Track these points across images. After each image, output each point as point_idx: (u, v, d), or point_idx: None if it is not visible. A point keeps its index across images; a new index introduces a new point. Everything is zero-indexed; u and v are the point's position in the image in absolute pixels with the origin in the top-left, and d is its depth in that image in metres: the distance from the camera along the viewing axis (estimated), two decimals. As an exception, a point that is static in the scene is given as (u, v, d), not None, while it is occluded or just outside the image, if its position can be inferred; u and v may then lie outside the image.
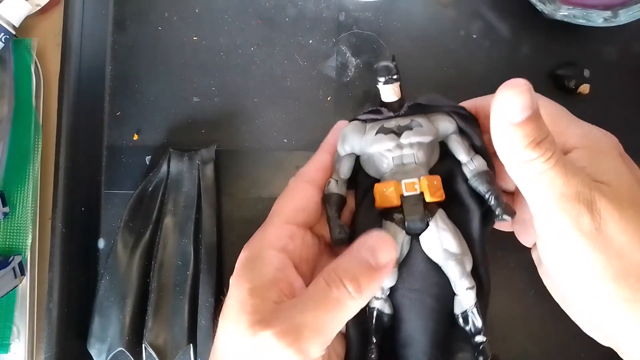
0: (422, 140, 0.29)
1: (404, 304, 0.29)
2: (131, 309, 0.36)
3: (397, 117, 0.30)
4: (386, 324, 0.29)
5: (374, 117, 0.31)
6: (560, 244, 0.25)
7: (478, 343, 0.28)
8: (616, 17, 0.34)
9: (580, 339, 0.29)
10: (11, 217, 0.38)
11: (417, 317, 0.28)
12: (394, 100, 0.30)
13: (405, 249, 0.29)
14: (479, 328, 0.28)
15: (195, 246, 0.37)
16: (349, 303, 0.25)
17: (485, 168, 0.29)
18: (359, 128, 0.31)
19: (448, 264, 0.28)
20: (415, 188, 0.28)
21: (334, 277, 0.25)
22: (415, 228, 0.28)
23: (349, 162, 0.31)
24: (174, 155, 0.38)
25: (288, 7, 0.40)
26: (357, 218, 0.31)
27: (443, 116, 0.30)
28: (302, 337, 0.24)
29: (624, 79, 0.39)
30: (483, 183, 0.28)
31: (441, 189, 0.29)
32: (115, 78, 0.40)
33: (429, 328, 0.28)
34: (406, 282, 0.29)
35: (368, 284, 0.25)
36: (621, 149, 0.27)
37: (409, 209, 0.28)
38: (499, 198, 0.28)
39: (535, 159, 0.24)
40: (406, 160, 0.29)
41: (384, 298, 0.29)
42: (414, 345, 0.28)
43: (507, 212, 0.27)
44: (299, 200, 0.31)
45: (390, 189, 0.28)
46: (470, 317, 0.28)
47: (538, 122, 0.24)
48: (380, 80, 0.30)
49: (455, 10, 0.39)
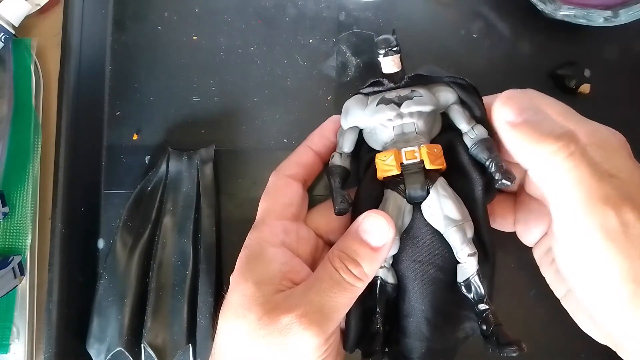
0: (422, 110, 0.29)
1: (409, 276, 0.29)
2: (130, 308, 0.36)
3: (397, 88, 0.31)
4: (390, 294, 0.29)
5: (376, 89, 0.31)
6: (582, 244, 0.24)
7: (481, 311, 0.28)
8: (617, 17, 0.34)
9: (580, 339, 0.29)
10: (11, 217, 0.38)
11: (421, 287, 0.29)
12: (395, 71, 0.31)
13: (407, 218, 0.29)
14: (482, 295, 0.28)
15: (195, 246, 0.37)
16: (357, 284, 0.27)
17: (486, 136, 0.29)
18: (361, 101, 0.31)
19: (449, 231, 0.28)
20: (415, 156, 0.29)
21: (339, 263, 0.27)
22: (416, 196, 0.29)
23: (352, 135, 0.32)
24: (173, 154, 0.38)
25: (288, 6, 0.40)
26: (360, 191, 0.31)
27: (444, 86, 0.31)
28: (322, 317, 0.26)
29: (624, 79, 0.39)
30: (483, 150, 0.29)
31: (442, 157, 0.29)
32: (115, 78, 0.40)
33: (432, 298, 0.29)
34: (410, 254, 0.29)
35: (370, 265, 0.27)
36: (629, 148, 0.27)
37: (409, 177, 0.29)
38: (499, 164, 0.28)
39: (557, 150, 0.24)
40: (407, 130, 0.30)
41: (387, 267, 0.29)
42: (416, 315, 0.29)
43: (506, 177, 0.27)
44: (285, 195, 0.32)
45: (391, 157, 0.29)
46: (472, 284, 0.28)
47: (546, 118, 0.25)
48: (380, 52, 0.31)
49: (455, 10, 0.39)
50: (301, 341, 0.25)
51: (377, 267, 0.28)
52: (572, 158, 0.24)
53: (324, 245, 0.33)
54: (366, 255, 0.27)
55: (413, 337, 0.29)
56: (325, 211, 0.32)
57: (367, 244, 0.27)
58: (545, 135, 0.25)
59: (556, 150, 0.24)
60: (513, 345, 0.26)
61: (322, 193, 0.37)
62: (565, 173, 0.24)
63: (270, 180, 0.33)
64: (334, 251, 0.28)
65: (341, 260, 0.27)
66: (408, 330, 0.29)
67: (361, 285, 0.27)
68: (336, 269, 0.27)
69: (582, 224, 0.24)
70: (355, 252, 0.27)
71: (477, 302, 0.28)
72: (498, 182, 0.27)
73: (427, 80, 0.31)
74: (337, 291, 0.26)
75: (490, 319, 0.27)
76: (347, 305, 0.27)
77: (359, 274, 0.27)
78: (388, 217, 0.27)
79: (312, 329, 0.25)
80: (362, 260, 0.27)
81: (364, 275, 0.27)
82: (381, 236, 0.27)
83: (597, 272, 0.24)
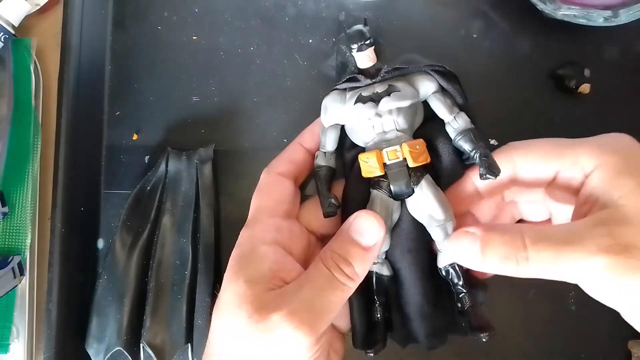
0: (401, 105, 0.29)
1: (403, 266, 0.30)
2: (129, 308, 0.36)
3: (375, 84, 0.30)
4: (387, 285, 0.30)
5: (352, 85, 0.31)
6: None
7: (458, 293, 0.29)
8: (617, 17, 0.34)
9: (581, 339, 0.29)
10: (10, 217, 0.38)
11: (416, 274, 0.30)
12: (370, 65, 0.30)
13: (395, 215, 0.30)
14: (459, 280, 0.29)
15: (194, 245, 0.37)
16: (349, 284, 0.27)
17: (469, 125, 0.29)
18: (339, 97, 0.31)
19: (432, 228, 0.29)
20: (398, 155, 0.29)
21: (331, 262, 0.27)
22: (401, 194, 0.29)
23: (334, 133, 0.31)
24: (172, 154, 0.38)
25: (288, 6, 0.40)
26: (347, 190, 0.31)
27: (423, 76, 0.30)
28: (313, 316, 0.26)
29: (624, 79, 0.39)
30: (467, 142, 0.29)
31: (425, 152, 0.29)
32: (114, 78, 0.40)
33: (427, 280, 0.30)
34: (401, 245, 0.30)
35: (361, 265, 0.27)
36: (637, 149, 0.26)
37: (393, 177, 0.29)
38: (483, 157, 0.28)
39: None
40: (387, 128, 0.29)
41: (380, 262, 0.30)
42: (415, 300, 0.30)
43: (490, 172, 0.27)
44: (277, 193, 0.32)
45: (373, 158, 0.29)
46: (451, 271, 0.29)
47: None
48: (353, 47, 0.30)
49: (455, 9, 0.39)
50: (291, 339, 0.25)
51: (368, 266, 0.28)
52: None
53: (316, 241, 0.33)
54: (357, 255, 0.27)
55: (416, 319, 0.30)
56: (316, 206, 0.32)
57: (359, 244, 0.27)
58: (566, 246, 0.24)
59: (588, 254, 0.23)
60: (483, 331, 0.27)
61: (312, 193, 0.37)
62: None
63: (262, 177, 0.33)
64: (326, 252, 0.28)
65: (333, 260, 0.27)
66: (410, 314, 0.30)
67: (352, 285, 0.27)
68: (328, 268, 0.27)
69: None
70: (347, 252, 0.27)
71: (455, 285, 0.29)
72: (483, 176, 0.28)
73: (405, 72, 0.30)
74: (329, 290, 0.26)
75: (464, 300, 0.29)
76: (339, 305, 0.27)
77: (351, 274, 0.27)
78: (378, 217, 0.28)
79: (302, 328, 0.25)
80: (353, 260, 0.27)
81: (355, 275, 0.27)
82: (372, 236, 0.27)
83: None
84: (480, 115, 0.31)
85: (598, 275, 0.23)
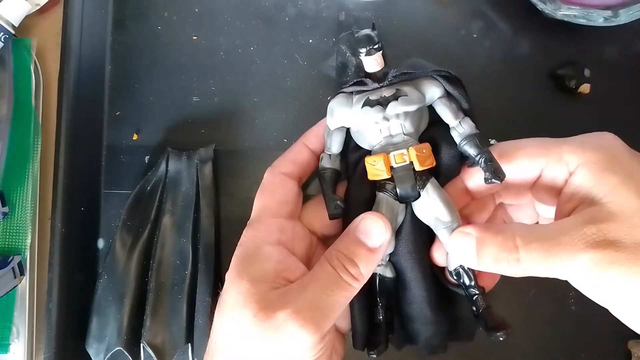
0: (408, 110, 0.29)
1: (407, 267, 0.30)
2: (129, 308, 0.36)
3: (382, 87, 0.30)
4: (390, 286, 0.30)
5: (359, 88, 0.31)
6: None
7: (471, 295, 0.29)
8: (617, 17, 0.34)
9: (581, 339, 0.29)
10: (11, 217, 0.38)
11: (420, 276, 0.30)
12: (378, 70, 0.30)
13: (400, 217, 0.30)
14: (471, 281, 0.29)
15: (194, 245, 0.37)
16: (354, 284, 0.27)
17: (474, 131, 0.29)
18: (346, 100, 0.31)
19: (439, 230, 0.29)
20: (405, 159, 0.29)
21: (337, 262, 0.27)
22: (407, 197, 0.29)
23: (340, 135, 0.32)
24: (172, 154, 0.38)
25: (288, 6, 0.40)
26: (350, 192, 0.31)
27: (429, 81, 0.30)
28: (317, 314, 0.26)
29: (624, 79, 0.39)
30: (472, 147, 0.29)
31: (431, 157, 0.29)
32: (114, 78, 0.40)
33: (430, 283, 0.30)
34: (406, 247, 0.30)
35: (366, 266, 0.28)
36: (621, 147, 0.26)
37: (399, 180, 0.29)
38: (488, 161, 0.28)
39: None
40: (394, 131, 0.30)
41: (384, 264, 0.30)
42: (418, 302, 0.30)
43: (495, 177, 0.27)
44: (280, 194, 0.32)
45: (380, 162, 0.29)
46: (462, 273, 0.29)
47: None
48: (361, 51, 0.30)
49: (455, 9, 0.39)
50: (296, 338, 0.25)
51: (373, 267, 0.28)
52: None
53: (317, 241, 0.33)
54: (363, 256, 0.27)
55: (418, 321, 0.30)
56: (318, 207, 0.32)
57: (365, 245, 0.28)
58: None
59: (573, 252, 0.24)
60: (500, 330, 0.27)
61: (315, 193, 0.37)
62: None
63: (266, 177, 0.33)
64: (331, 251, 0.28)
65: (339, 260, 0.27)
66: (413, 315, 0.30)
67: (357, 286, 0.27)
68: (334, 268, 0.27)
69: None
70: (353, 252, 0.27)
71: (467, 288, 0.29)
72: (488, 180, 0.28)
73: (412, 76, 0.31)
74: (334, 289, 0.26)
75: (479, 302, 0.29)
76: (343, 305, 0.27)
77: (356, 274, 0.27)
78: (384, 219, 0.28)
79: (307, 327, 0.25)
80: (359, 261, 0.27)
81: (361, 275, 0.27)
82: (378, 237, 0.28)
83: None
84: (480, 115, 0.31)
85: (585, 271, 0.23)
